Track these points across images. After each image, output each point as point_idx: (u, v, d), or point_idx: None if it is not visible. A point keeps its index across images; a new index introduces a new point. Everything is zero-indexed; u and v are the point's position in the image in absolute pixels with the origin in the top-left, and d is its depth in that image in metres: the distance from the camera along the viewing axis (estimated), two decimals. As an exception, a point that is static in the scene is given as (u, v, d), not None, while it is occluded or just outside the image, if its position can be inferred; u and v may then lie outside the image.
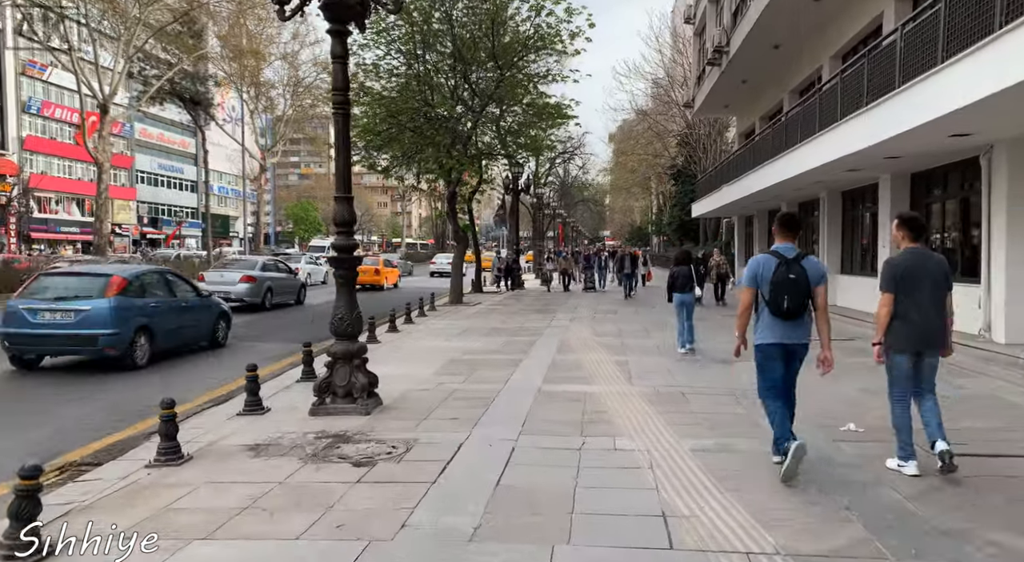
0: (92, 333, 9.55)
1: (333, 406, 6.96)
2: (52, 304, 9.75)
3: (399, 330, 14.17)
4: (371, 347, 11.53)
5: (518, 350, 11.38)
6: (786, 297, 4.83)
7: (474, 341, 12.67)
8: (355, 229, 7.22)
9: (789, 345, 4.97)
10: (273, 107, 47.72)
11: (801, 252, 5.02)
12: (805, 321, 4.98)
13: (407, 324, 15.36)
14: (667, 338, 12.68)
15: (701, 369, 9.67)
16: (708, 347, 11.47)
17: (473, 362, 10.20)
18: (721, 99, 28.15)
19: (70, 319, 9.63)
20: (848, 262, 18.71)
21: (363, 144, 20.07)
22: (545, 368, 9.63)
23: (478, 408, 7.19)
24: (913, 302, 4.88)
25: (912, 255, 4.99)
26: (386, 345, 12.16)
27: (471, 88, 19.56)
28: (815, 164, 15.02)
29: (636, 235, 79.23)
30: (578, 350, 11.36)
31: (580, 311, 18.47)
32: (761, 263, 5.01)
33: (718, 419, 6.78)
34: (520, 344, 12.08)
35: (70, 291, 10.01)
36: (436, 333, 13.97)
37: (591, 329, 14.31)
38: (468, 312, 18.62)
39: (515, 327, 14.88)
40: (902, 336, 4.93)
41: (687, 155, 38.56)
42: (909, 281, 4.90)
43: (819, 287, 4.92)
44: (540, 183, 43.82)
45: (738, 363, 6.76)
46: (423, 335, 13.67)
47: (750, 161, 21.32)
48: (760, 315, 5.03)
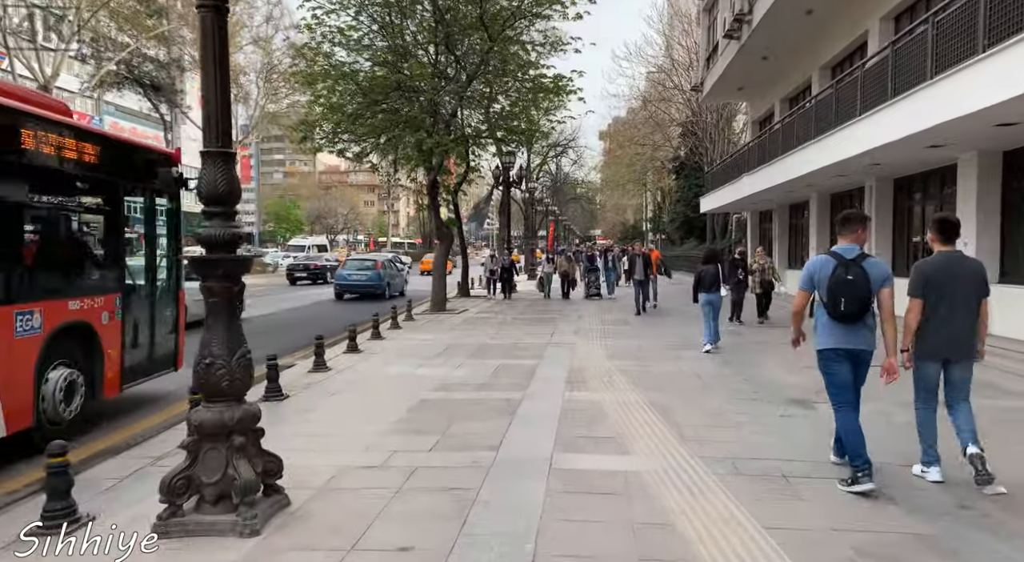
0: (371, 284, 23.29)
1: (195, 520, 3.97)
2: (355, 271, 23.80)
3: (361, 349, 11.17)
4: (314, 379, 8.74)
5: (513, 383, 8.40)
6: (843, 300, 4.61)
7: (455, 366, 9.68)
8: (235, 210, 4.20)
9: (851, 350, 4.71)
10: (247, 97, 44.43)
11: (863, 253, 4.78)
12: (868, 325, 4.71)
13: (373, 340, 12.36)
14: (705, 364, 9.74)
15: (786, 421, 6.70)
16: (769, 377, 8.56)
17: (450, 407, 7.21)
18: (735, 80, 25.24)
19: (363, 278, 23.46)
20: (902, 260, 15.78)
21: (330, 126, 17.05)
22: (555, 419, 6.64)
23: (450, 520, 4.20)
24: (942, 308, 4.70)
25: (944, 259, 4.81)
26: (337, 375, 9.15)
27: (456, 60, 16.55)
28: (872, 145, 12.16)
29: (630, 234, 76.38)
30: (595, 384, 8.38)
31: (585, 321, 15.49)
32: (819, 264, 4.82)
33: (886, 540, 3.84)
34: (516, 373, 9.10)
35: (363, 265, 24.40)
36: (408, 353, 10.97)
37: (603, 348, 11.33)
38: (452, 322, 15.62)
39: (509, 344, 11.89)
40: (929, 342, 4.75)
41: (692, 146, 35.61)
42: (939, 286, 4.72)
43: (884, 289, 4.67)
44: (533, 178, 40.93)
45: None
46: (391, 356, 10.67)
47: (778, 147, 18.41)
48: (818, 318, 4.83)
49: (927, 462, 4.86)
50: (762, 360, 10.05)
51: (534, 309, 18.57)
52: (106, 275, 7.07)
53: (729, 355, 10.51)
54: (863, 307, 4.59)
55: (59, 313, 6.08)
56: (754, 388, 8.07)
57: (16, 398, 5.53)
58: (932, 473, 4.80)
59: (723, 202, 26.28)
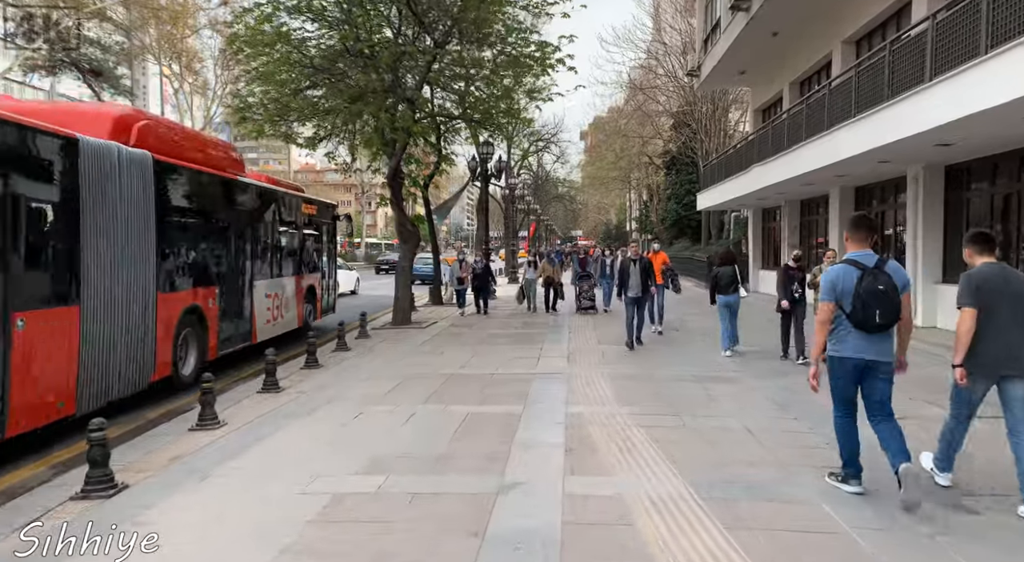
0: (424, 273, 24.15)
1: None
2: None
3: (282, 387, 8.30)
4: (185, 450, 5.38)
5: (485, 454, 5.55)
6: (878, 312, 4.33)
7: (404, 418, 6.83)
8: None
9: (871, 361, 4.45)
10: (205, 87, 41.17)
11: (881, 257, 4.53)
12: (891, 335, 4.49)
13: (308, 369, 9.49)
14: (754, 414, 6.97)
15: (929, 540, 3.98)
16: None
17: (374, 522, 4.36)
18: (738, 62, 22.55)
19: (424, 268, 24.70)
20: (951, 268, 13.16)
21: (268, 101, 14.12)
22: (554, 556, 3.82)
23: None
24: (992, 320, 4.35)
25: (991, 269, 4.48)
26: (234, 436, 6.25)
27: (419, 22, 13.67)
28: (923, 128, 9.60)
29: (613, 235, 73.83)
30: (608, 457, 5.55)
31: (578, 342, 12.69)
32: (840, 274, 4.53)
33: None
34: (489, 432, 6.25)
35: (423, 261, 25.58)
36: (345, 392, 8.09)
37: (609, 385, 8.49)
38: (416, 340, 12.76)
39: (483, 375, 9.04)
40: (978, 358, 4.37)
41: (685, 139, 32.88)
42: (988, 297, 4.37)
43: (905, 294, 4.47)
44: (514, 173, 38.10)
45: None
46: (318, 399, 7.79)
47: (801, 131, 15.72)
48: (838, 327, 4.52)
49: (941, 468, 4.74)
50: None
51: (515, 325, 15.71)
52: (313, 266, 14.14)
53: (786, 395, 7.76)
54: (896, 317, 4.40)
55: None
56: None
57: None
58: (942, 478, 4.72)
59: (726, 198, 23.61)
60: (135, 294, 7.45)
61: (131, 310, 7.38)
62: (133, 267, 7.46)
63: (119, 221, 7.19)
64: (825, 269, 11.28)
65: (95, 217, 6.82)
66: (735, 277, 10.52)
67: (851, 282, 4.41)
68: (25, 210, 6.05)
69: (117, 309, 7.14)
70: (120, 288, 7.20)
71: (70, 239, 6.58)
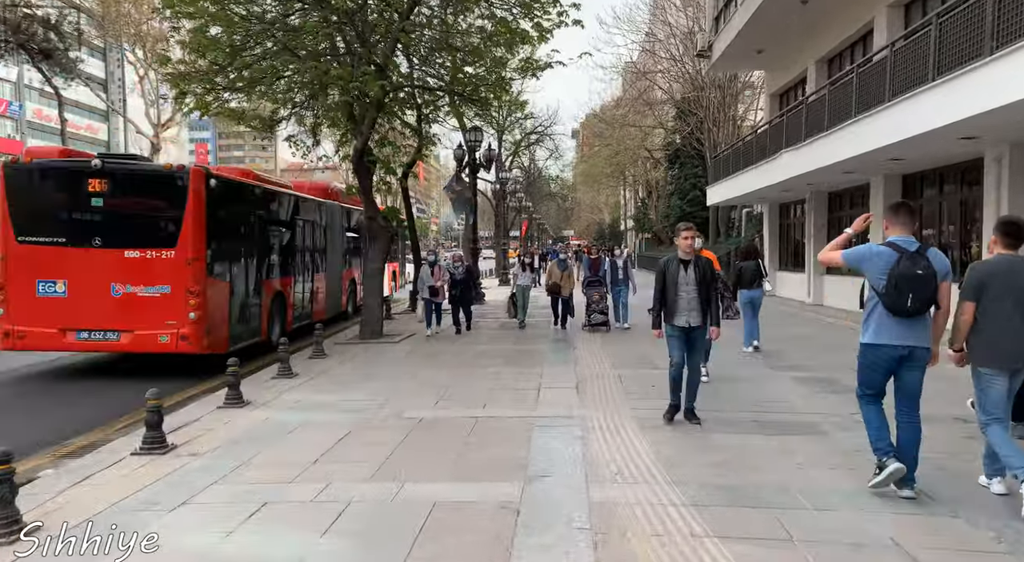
0: None
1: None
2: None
3: (170, 444, 5.70)
4: None
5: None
6: (911, 295, 4.18)
7: (329, 518, 4.23)
8: None
9: (905, 347, 4.28)
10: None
11: (923, 244, 4.34)
12: (927, 320, 4.33)
13: (229, 408, 6.92)
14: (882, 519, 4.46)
15: None
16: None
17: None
18: (757, 39, 20.03)
19: None
20: None
21: (205, 63, 11.54)
22: None
23: None
24: (994, 314, 4.27)
25: (999, 263, 4.39)
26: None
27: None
28: None
29: (609, 234, 71.35)
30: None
31: (585, 361, 10.14)
32: (875, 252, 4.36)
33: None
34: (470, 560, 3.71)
35: None
36: (257, 460, 5.49)
37: (647, 444, 5.90)
38: (382, 360, 10.17)
39: (463, 422, 6.45)
40: (985, 351, 4.31)
41: (691, 128, 30.30)
42: (992, 290, 4.29)
43: (944, 282, 4.28)
44: (505, 167, 35.49)
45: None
46: (213, 471, 5.18)
47: (849, 108, 13.18)
48: (870, 312, 4.37)
49: (989, 474, 4.60)
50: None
51: (507, 340, 13.05)
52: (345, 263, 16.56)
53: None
54: (930, 304, 4.24)
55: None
56: None
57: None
58: (996, 485, 4.51)
59: (741, 191, 21.12)
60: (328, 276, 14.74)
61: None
62: (336, 263, 15.44)
63: (336, 236, 15.18)
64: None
65: (332, 237, 14.96)
66: (759, 271, 10.48)
67: (889, 262, 4.22)
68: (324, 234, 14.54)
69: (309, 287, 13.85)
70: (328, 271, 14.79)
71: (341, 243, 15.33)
